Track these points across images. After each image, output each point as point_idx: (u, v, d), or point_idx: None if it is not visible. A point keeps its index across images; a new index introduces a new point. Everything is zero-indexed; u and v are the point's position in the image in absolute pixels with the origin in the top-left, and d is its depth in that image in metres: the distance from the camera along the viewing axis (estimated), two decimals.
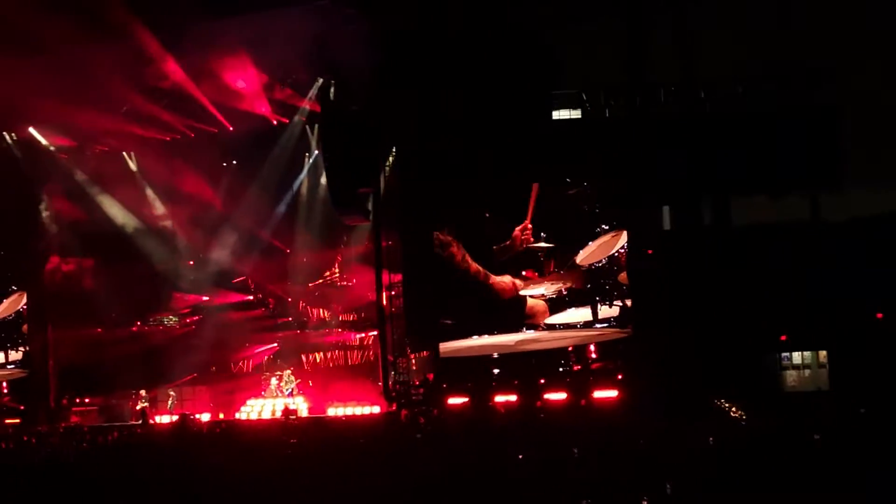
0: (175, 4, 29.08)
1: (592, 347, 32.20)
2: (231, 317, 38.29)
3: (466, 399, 31.27)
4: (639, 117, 32.12)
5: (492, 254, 32.53)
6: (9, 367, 37.27)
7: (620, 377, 30.92)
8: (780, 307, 30.63)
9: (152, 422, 35.13)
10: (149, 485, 16.74)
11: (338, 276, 38.56)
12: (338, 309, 38.31)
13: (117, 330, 38.42)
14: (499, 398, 30.94)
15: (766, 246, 31.33)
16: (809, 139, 31.41)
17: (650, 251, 31.68)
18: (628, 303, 31.58)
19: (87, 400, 37.24)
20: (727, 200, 32.71)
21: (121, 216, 38.24)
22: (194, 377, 37.65)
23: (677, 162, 31.49)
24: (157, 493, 16.23)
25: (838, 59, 31.22)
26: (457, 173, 31.98)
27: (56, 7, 28.79)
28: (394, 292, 34.30)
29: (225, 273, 38.67)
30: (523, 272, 32.52)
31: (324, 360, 37.84)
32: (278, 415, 34.17)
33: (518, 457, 17.60)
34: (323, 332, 38.30)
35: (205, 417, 35.00)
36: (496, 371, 32.50)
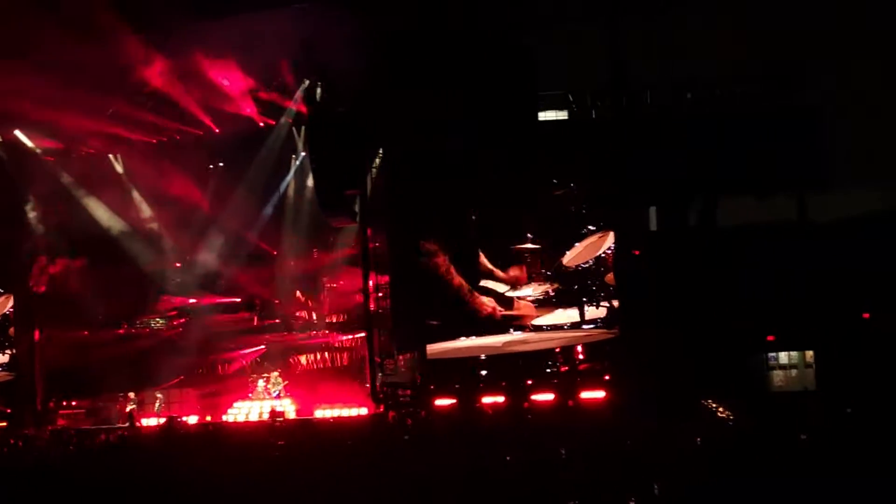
0: (162, 6, 29.04)
1: (580, 348, 32.19)
2: (218, 319, 38.21)
3: (454, 400, 31.25)
4: (625, 118, 32.16)
5: (476, 257, 32.52)
6: None
7: (608, 378, 30.91)
8: (767, 307, 30.65)
9: (139, 424, 35.05)
10: (136, 488, 16.72)
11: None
12: (325, 311, 38.29)
13: (104, 332, 38.30)
14: (486, 399, 30.93)
15: (753, 246, 31.35)
16: (796, 139, 31.42)
17: (637, 252, 31.70)
18: (615, 304, 31.59)
19: (75, 403, 37.12)
20: (714, 201, 32.75)
21: (107, 218, 38.16)
22: (181, 380, 37.56)
23: (664, 163, 31.51)
24: (144, 496, 16.21)
25: (824, 59, 31.27)
26: (443, 174, 31.95)
27: (42, 8, 28.76)
28: (381, 294, 34.28)
29: (212, 275, 38.61)
30: (510, 270, 32.50)
31: (311, 362, 37.77)
32: (266, 417, 34.12)
33: (506, 458, 17.62)
34: (310, 334, 38.26)
35: (192, 420, 34.92)
36: (483, 372, 32.47)
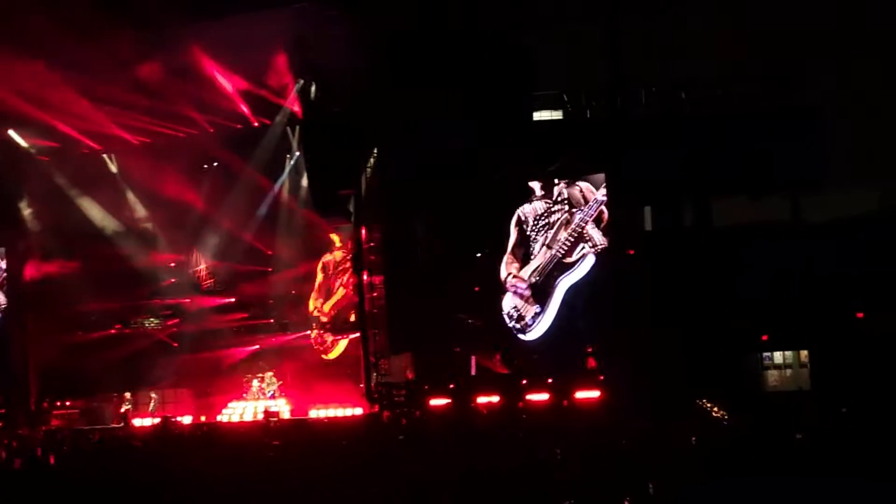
0: (156, 5, 29.01)
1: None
2: (212, 319, 38.21)
3: (448, 400, 31.22)
4: (620, 118, 32.17)
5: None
6: None
7: (602, 378, 30.89)
8: (762, 307, 30.67)
9: (133, 425, 34.99)
10: (130, 488, 16.70)
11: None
12: (320, 310, 38.29)
13: (98, 332, 38.29)
14: (481, 399, 30.90)
15: (747, 246, 31.38)
16: (790, 140, 31.45)
17: (631, 252, 31.70)
18: None
19: (69, 403, 37.07)
20: (708, 201, 32.77)
21: (101, 218, 38.16)
22: (176, 380, 37.54)
23: (658, 163, 31.52)
24: (138, 497, 16.19)
25: (821, 59, 31.30)
26: (438, 174, 31.92)
27: (34, 6, 28.72)
28: (375, 293, 34.27)
29: (206, 275, 38.60)
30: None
31: (305, 362, 37.74)
32: (260, 417, 34.09)
33: (500, 457, 17.60)
34: (304, 334, 38.24)
35: (186, 420, 34.88)
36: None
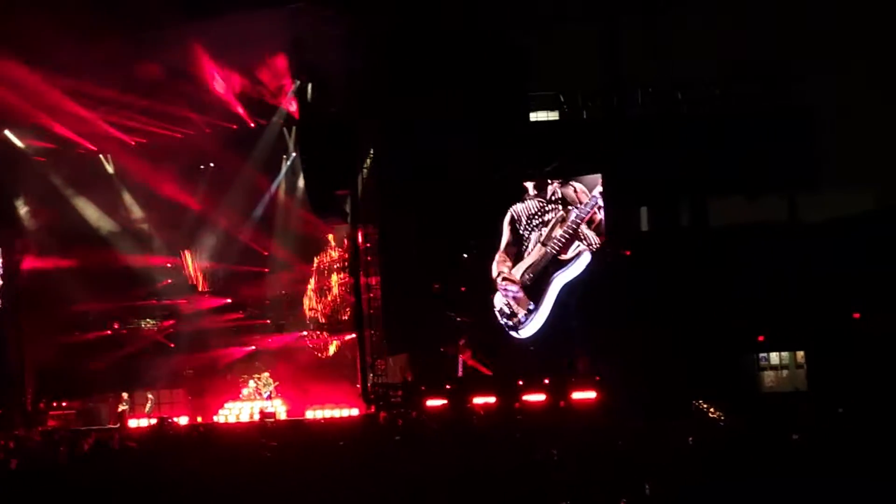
0: (152, 5, 28.98)
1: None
2: (208, 320, 38.20)
3: (445, 401, 31.24)
4: (616, 118, 32.18)
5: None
6: None
7: (599, 378, 30.91)
8: (758, 308, 30.69)
9: (129, 425, 34.96)
10: (127, 488, 16.67)
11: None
12: (316, 311, 38.29)
13: (95, 333, 38.27)
14: (477, 400, 30.91)
15: (744, 246, 31.40)
16: (786, 140, 31.49)
17: (628, 252, 31.72)
18: None
19: (65, 403, 37.04)
20: (705, 201, 32.79)
21: (97, 218, 38.14)
22: (172, 380, 37.53)
23: (655, 163, 31.54)
24: (135, 497, 16.16)
25: (817, 60, 31.32)
26: (434, 174, 31.95)
27: (30, 7, 28.69)
28: (371, 294, 34.27)
29: (202, 275, 38.59)
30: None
31: (302, 363, 37.73)
32: (256, 418, 34.07)
33: (497, 458, 17.59)
34: (301, 335, 38.25)
35: (183, 421, 34.86)
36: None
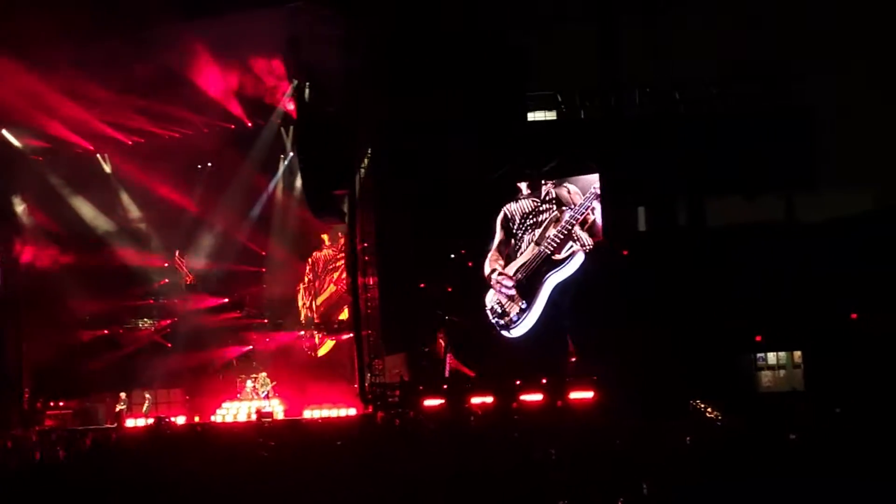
0: (149, 5, 28.97)
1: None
2: (206, 319, 38.17)
3: (443, 400, 31.23)
4: (614, 118, 32.17)
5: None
6: None
7: (596, 378, 30.89)
8: (755, 308, 30.68)
9: (125, 425, 34.94)
10: (124, 488, 16.66)
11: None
12: (309, 310, 38.33)
13: (92, 332, 38.25)
14: (475, 400, 30.90)
15: (742, 246, 31.39)
16: (784, 140, 31.48)
17: (625, 252, 31.72)
18: None
19: (62, 403, 37.03)
20: (702, 201, 32.77)
21: (94, 218, 38.14)
22: (169, 380, 37.50)
23: (653, 163, 31.53)
24: (132, 497, 16.15)
25: (814, 60, 31.32)
26: (432, 174, 31.95)
27: (28, 6, 28.68)
28: (369, 294, 34.26)
29: (200, 275, 38.58)
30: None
31: (299, 362, 37.74)
32: (254, 417, 34.06)
33: (495, 458, 17.59)
34: (298, 334, 38.25)
35: (180, 420, 34.85)
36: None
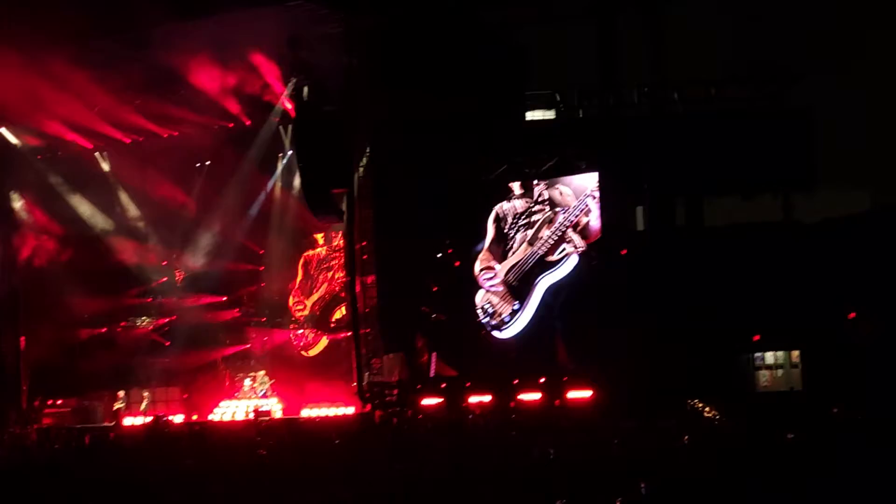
0: (146, 4, 28.98)
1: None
2: (204, 317, 38.20)
3: (441, 399, 31.26)
4: (612, 117, 32.17)
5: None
6: None
7: (594, 377, 30.90)
8: (753, 307, 30.67)
9: (122, 423, 34.97)
10: (122, 486, 16.69)
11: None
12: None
13: (90, 331, 38.27)
14: (473, 399, 30.93)
15: (739, 246, 31.38)
16: (782, 140, 31.49)
17: (624, 251, 31.73)
18: None
19: (60, 401, 37.06)
20: (700, 201, 32.77)
21: (93, 216, 38.16)
22: (167, 378, 37.53)
23: (650, 162, 31.54)
24: (129, 495, 16.18)
25: (811, 60, 31.35)
26: (430, 173, 31.97)
27: (25, 5, 28.70)
28: (367, 292, 34.27)
29: (198, 274, 38.59)
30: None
31: (297, 361, 37.75)
32: (251, 416, 34.08)
33: (493, 457, 17.62)
34: (296, 333, 38.26)
35: (178, 419, 34.89)
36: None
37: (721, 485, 14.31)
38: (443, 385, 31.87)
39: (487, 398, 30.79)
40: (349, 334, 34.95)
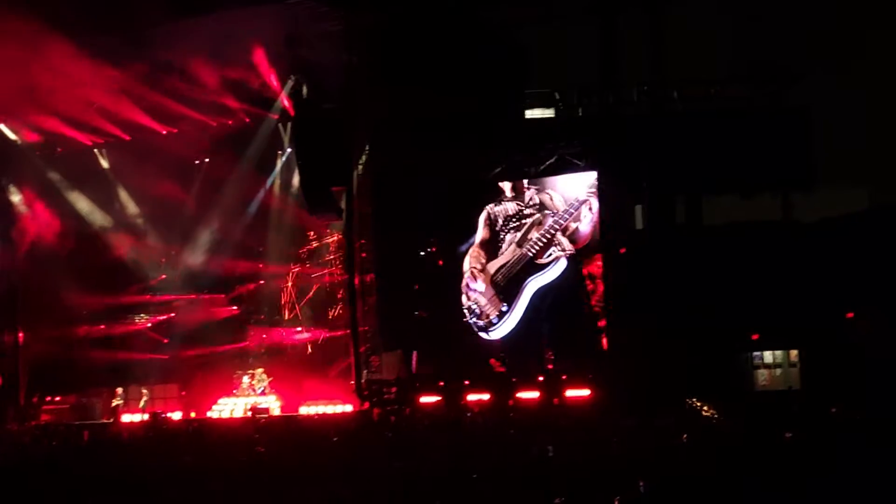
0: (145, 2, 28.97)
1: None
2: (203, 314, 38.17)
3: (439, 398, 31.26)
4: (611, 116, 32.16)
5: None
6: None
7: (593, 376, 30.91)
8: (752, 306, 30.67)
9: (121, 421, 34.96)
10: (120, 484, 16.68)
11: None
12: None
13: (89, 327, 38.25)
14: (471, 397, 30.93)
15: (738, 245, 31.38)
16: (781, 139, 31.47)
17: (623, 250, 31.73)
18: None
19: (58, 398, 37.06)
20: (699, 199, 32.76)
21: (92, 213, 38.14)
22: (165, 376, 37.51)
23: (649, 161, 31.53)
24: (128, 493, 16.17)
25: (811, 60, 31.34)
26: (430, 171, 31.97)
27: (24, 2, 28.68)
28: (366, 290, 34.26)
29: (196, 271, 38.55)
30: None
31: (296, 359, 37.73)
32: (249, 414, 34.07)
33: (491, 455, 17.62)
34: (295, 330, 38.24)
35: (176, 416, 34.87)
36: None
37: (720, 484, 14.31)
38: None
39: (486, 396, 30.80)
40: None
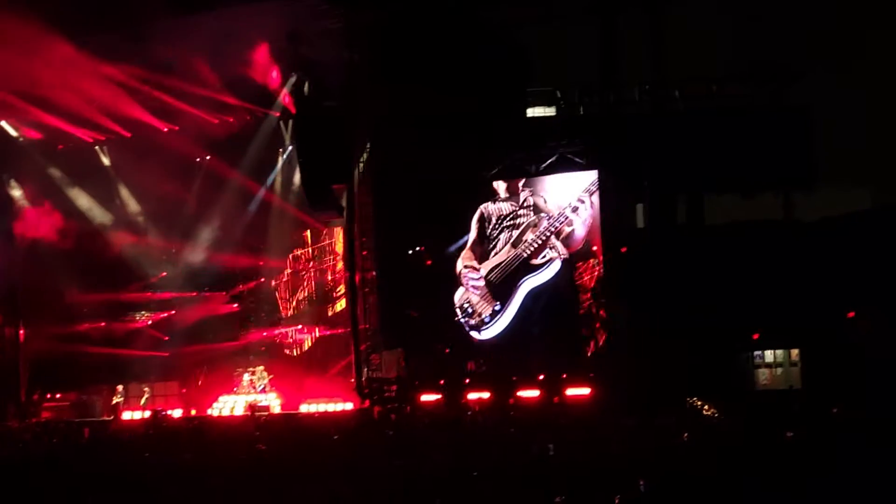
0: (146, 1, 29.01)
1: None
2: (203, 312, 38.16)
3: (439, 396, 31.27)
4: (612, 115, 32.15)
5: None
6: None
7: (593, 375, 30.93)
8: (753, 305, 30.67)
9: (121, 418, 34.97)
10: (120, 481, 16.69)
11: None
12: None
13: (89, 325, 38.25)
14: (472, 395, 30.94)
15: (739, 244, 31.37)
16: (782, 138, 31.46)
17: (624, 249, 31.73)
18: None
19: (59, 395, 37.07)
20: (700, 198, 32.76)
21: (93, 210, 38.15)
22: (166, 373, 37.52)
23: (650, 160, 31.53)
24: (129, 490, 16.17)
25: (811, 59, 31.33)
26: (430, 170, 31.96)
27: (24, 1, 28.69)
28: (367, 289, 34.26)
29: (197, 268, 38.55)
30: None
31: (296, 356, 37.74)
32: (248, 411, 34.07)
33: (492, 454, 17.62)
34: (295, 328, 38.23)
35: (177, 414, 34.89)
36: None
37: (720, 483, 14.31)
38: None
39: (486, 395, 30.81)
40: (348, 330, 34.96)
